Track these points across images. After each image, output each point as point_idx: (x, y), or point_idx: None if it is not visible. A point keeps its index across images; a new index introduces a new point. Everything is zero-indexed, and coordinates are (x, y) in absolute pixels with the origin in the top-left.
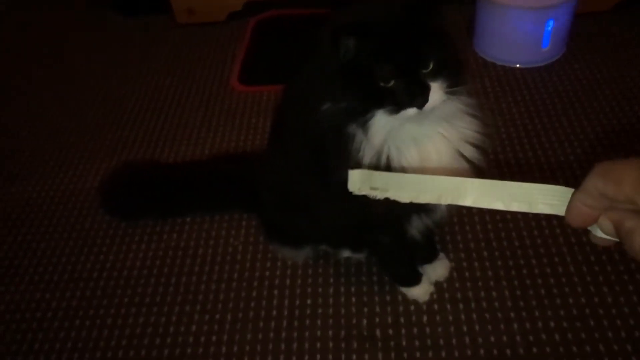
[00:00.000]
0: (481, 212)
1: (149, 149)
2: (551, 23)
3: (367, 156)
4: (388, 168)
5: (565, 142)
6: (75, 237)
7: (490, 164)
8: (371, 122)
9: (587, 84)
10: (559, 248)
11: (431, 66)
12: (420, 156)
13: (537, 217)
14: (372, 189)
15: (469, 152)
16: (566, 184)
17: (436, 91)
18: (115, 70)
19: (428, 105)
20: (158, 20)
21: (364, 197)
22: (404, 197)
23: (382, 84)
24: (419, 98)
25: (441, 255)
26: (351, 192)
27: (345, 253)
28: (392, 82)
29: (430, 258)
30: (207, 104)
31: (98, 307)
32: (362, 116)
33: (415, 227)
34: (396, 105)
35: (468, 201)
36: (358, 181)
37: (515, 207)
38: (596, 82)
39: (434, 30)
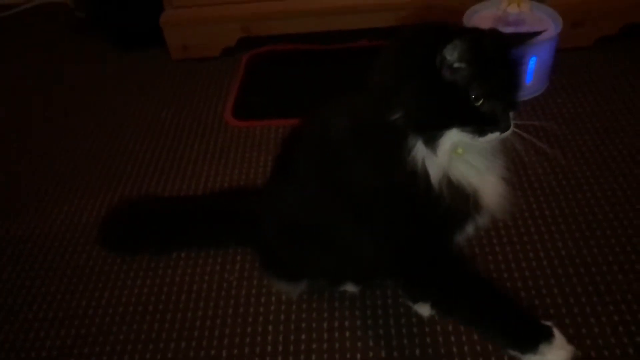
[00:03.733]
0: (470, 244)
1: (144, 182)
2: (534, 59)
3: (434, 171)
4: (459, 184)
5: (550, 174)
6: (70, 274)
7: None
8: (442, 139)
9: (569, 118)
10: (546, 280)
11: (513, 95)
12: (478, 178)
13: (524, 248)
14: None
15: (506, 186)
16: (553, 217)
17: (512, 119)
18: (111, 104)
19: (507, 132)
20: (154, 55)
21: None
22: None
23: (474, 103)
24: (505, 123)
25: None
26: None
27: (343, 287)
28: (481, 102)
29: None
30: (201, 138)
31: (93, 344)
32: (435, 131)
33: (462, 237)
34: (483, 127)
35: None
36: None
37: None
38: (578, 116)
39: (517, 63)
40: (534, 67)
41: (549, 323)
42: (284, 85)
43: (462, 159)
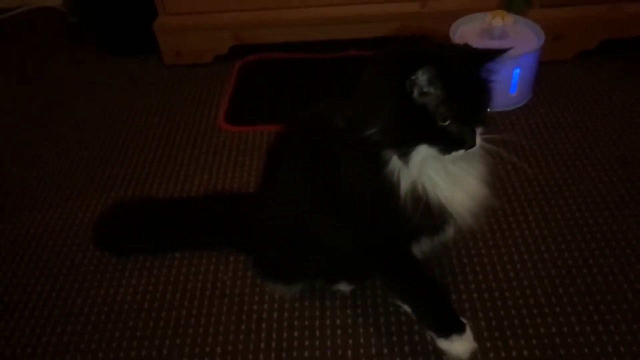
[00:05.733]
0: (457, 246)
1: (137, 185)
2: (517, 71)
3: (404, 182)
4: (425, 196)
5: (533, 181)
6: (66, 273)
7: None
8: (413, 153)
9: (552, 127)
10: (530, 281)
11: (480, 114)
12: (450, 188)
13: (509, 251)
14: None
15: (485, 189)
16: (536, 222)
17: (478, 136)
18: (104, 108)
19: (473, 149)
20: (147, 60)
21: (380, 213)
22: None
23: (441, 123)
24: (470, 142)
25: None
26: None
27: (338, 286)
28: (447, 122)
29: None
30: (194, 143)
31: (89, 341)
32: (407, 147)
33: (424, 248)
34: (449, 146)
35: None
36: None
37: None
38: (560, 126)
39: (486, 80)
40: (517, 79)
41: (465, 321)
42: (276, 92)
43: (440, 164)
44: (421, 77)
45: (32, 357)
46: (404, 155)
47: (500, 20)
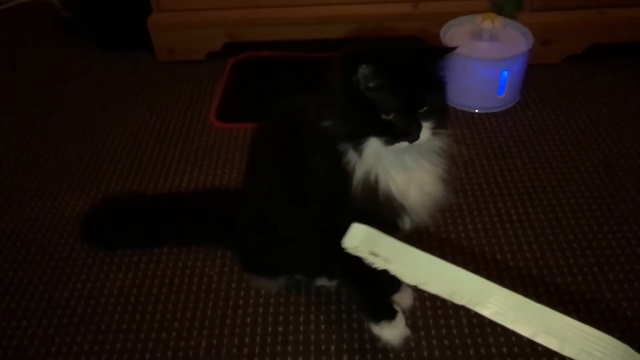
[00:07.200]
0: (439, 239)
1: (127, 181)
2: (506, 73)
3: (358, 172)
4: (376, 187)
5: (519, 182)
6: (53, 266)
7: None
8: (365, 145)
9: (538, 129)
10: (512, 280)
11: (425, 108)
12: (404, 181)
13: (492, 250)
14: (372, 254)
15: (441, 185)
16: (520, 222)
17: (425, 130)
18: (96, 103)
19: (418, 142)
20: (140, 57)
21: (333, 202)
22: (408, 276)
23: (383, 116)
24: (413, 134)
25: (404, 285)
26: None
27: (320, 282)
28: (391, 116)
29: (396, 287)
30: (185, 139)
31: (75, 334)
32: (358, 139)
33: None
34: (392, 137)
35: (487, 311)
36: (359, 239)
37: (541, 339)
38: (547, 128)
39: (434, 76)
40: (505, 81)
41: (398, 309)
42: (268, 90)
43: (396, 156)
44: (362, 74)
45: (18, 349)
46: (357, 146)
47: (490, 23)
